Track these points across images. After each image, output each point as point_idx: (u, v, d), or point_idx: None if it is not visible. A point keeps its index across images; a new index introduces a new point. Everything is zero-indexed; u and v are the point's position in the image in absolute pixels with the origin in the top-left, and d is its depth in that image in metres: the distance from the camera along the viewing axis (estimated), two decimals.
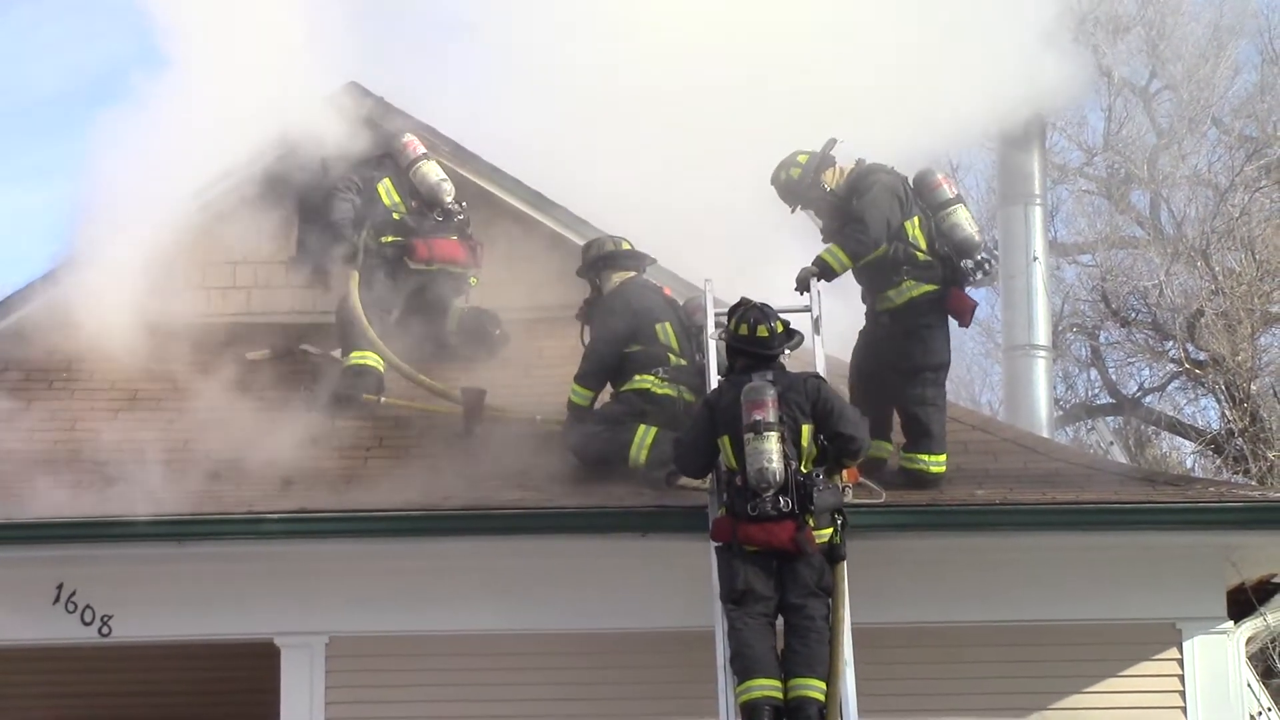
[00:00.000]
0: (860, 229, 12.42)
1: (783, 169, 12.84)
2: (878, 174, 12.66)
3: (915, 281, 12.54)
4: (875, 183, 12.58)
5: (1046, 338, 17.36)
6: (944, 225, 12.68)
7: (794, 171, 12.79)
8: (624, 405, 12.66)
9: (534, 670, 12.17)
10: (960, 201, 12.81)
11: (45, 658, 13.88)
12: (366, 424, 13.59)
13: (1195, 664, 12.05)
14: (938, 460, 12.43)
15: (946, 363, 12.76)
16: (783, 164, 12.85)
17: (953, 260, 12.64)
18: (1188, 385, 30.35)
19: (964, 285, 12.69)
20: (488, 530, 12.04)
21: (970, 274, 12.70)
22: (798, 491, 10.98)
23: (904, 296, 12.55)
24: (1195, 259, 28.44)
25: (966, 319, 12.76)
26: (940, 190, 12.78)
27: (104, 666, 14.27)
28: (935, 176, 12.84)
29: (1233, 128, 30.37)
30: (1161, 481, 12.92)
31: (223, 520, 11.98)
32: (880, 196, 12.52)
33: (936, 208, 12.72)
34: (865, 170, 12.72)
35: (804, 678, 10.81)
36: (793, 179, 12.79)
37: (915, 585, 12.12)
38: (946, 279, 12.60)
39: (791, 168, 12.81)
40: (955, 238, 12.66)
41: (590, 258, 13.41)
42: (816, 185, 12.75)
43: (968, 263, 12.67)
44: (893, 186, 12.60)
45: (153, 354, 14.22)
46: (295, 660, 12.26)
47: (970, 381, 33.46)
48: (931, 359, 12.58)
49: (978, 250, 12.68)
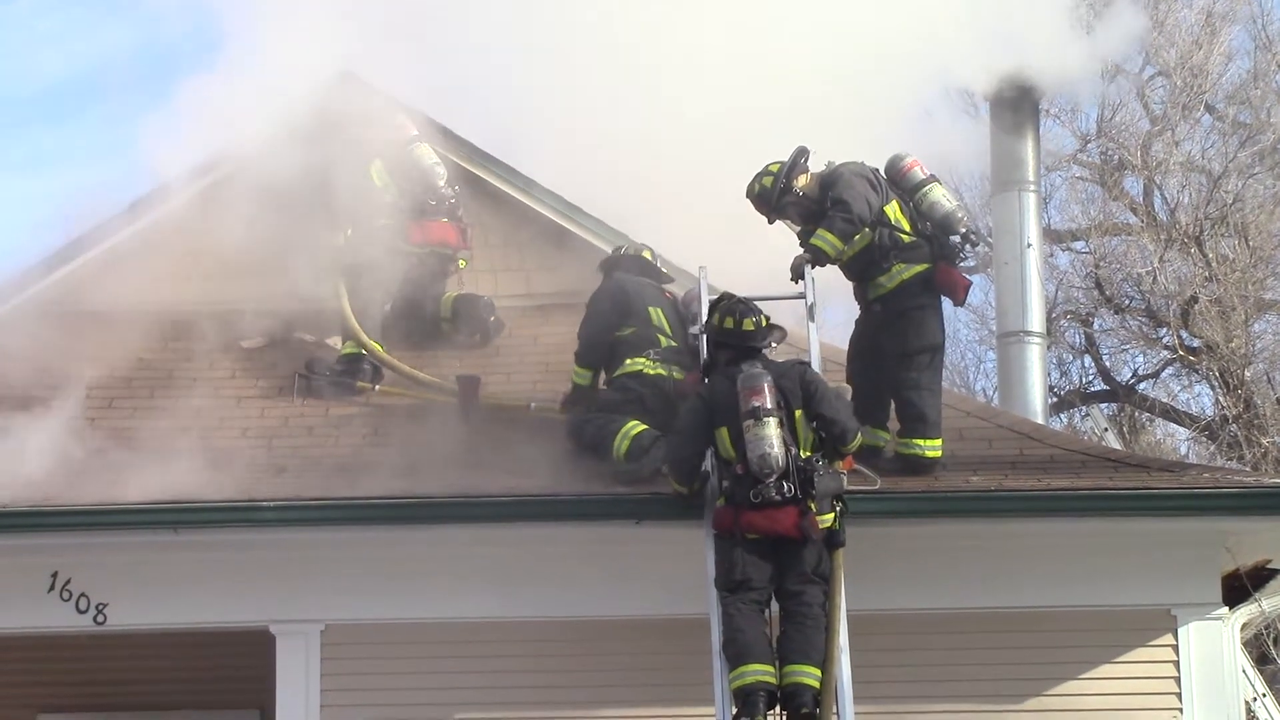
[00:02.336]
0: (843, 209, 12.43)
1: (756, 180, 12.85)
2: (845, 165, 12.68)
3: (905, 264, 12.54)
4: (845, 172, 12.61)
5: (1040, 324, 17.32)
6: (923, 205, 12.69)
7: (766, 181, 12.79)
8: (619, 391, 12.66)
9: (529, 657, 12.19)
10: (934, 180, 12.81)
11: (40, 646, 13.88)
12: (361, 411, 13.58)
13: (1190, 650, 12.05)
14: (933, 445, 12.43)
15: (941, 344, 12.76)
16: (756, 176, 12.85)
17: (939, 238, 12.65)
18: (1182, 372, 30.39)
19: (954, 261, 12.69)
20: (483, 518, 12.04)
21: (959, 249, 12.70)
22: (799, 476, 11.00)
23: (895, 280, 12.55)
24: (1189, 245, 28.45)
25: (960, 296, 12.76)
26: (913, 172, 12.78)
27: (99, 654, 14.26)
28: (905, 160, 12.83)
29: (1226, 114, 30.34)
30: (1156, 468, 12.92)
31: (218, 508, 11.97)
32: (853, 180, 12.54)
33: (911, 190, 12.73)
34: (833, 168, 12.74)
35: (799, 664, 10.84)
36: (765, 188, 12.79)
37: (910, 572, 12.12)
38: (935, 257, 12.61)
39: (764, 178, 12.81)
40: (936, 215, 12.67)
41: (606, 259, 13.52)
42: (789, 191, 12.75)
43: (954, 238, 12.68)
44: (862, 173, 12.63)
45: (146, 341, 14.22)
46: (290, 648, 12.27)
47: (964, 368, 33.53)
48: (925, 340, 12.57)
49: (960, 224, 12.68)
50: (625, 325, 12.84)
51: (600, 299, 13.06)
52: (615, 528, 12.04)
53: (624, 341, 12.79)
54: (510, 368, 14.19)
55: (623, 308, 12.90)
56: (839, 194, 12.49)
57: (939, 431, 12.49)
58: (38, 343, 13.97)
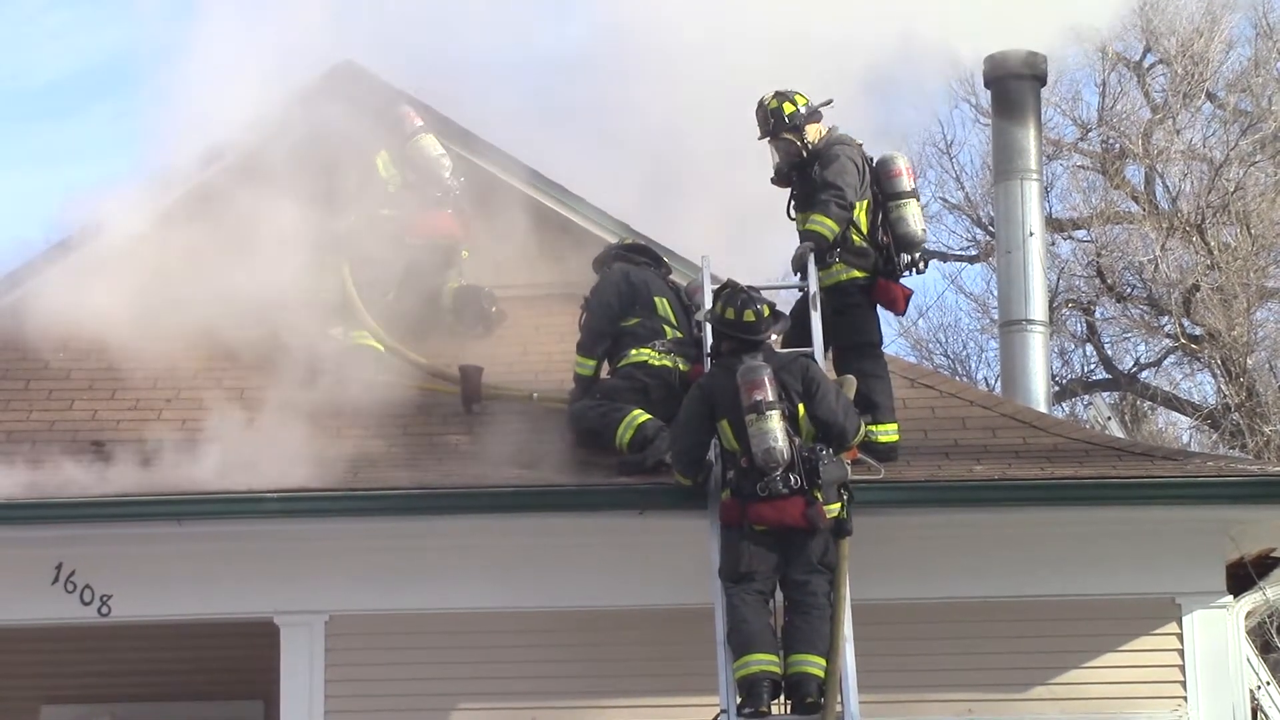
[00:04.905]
0: (838, 194, 12.44)
1: (777, 99, 12.80)
2: (842, 146, 12.66)
3: (845, 266, 12.53)
4: (840, 154, 12.59)
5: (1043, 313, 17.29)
6: (892, 215, 12.63)
7: (786, 106, 12.77)
8: (624, 380, 12.64)
9: (533, 648, 12.19)
10: (914, 196, 12.74)
11: (44, 637, 13.89)
12: (366, 402, 13.56)
13: (1195, 638, 12.06)
14: (886, 430, 12.38)
15: (877, 341, 12.75)
16: (781, 93, 12.81)
17: (888, 251, 12.61)
18: (1184, 360, 30.38)
19: (895, 277, 12.64)
20: (486, 509, 12.03)
21: (903, 270, 12.65)
22: (804, 466, 10.99)
23: (832, 279, 12.56)
24: (1190, 234, 28.43)
25: (901, 307, 12.75)
26: (899, 180, 12.71)
27: (103, 646, 14.27)
28: (897, 164, 12.75)
29: (1227, 102, 30.33)
30: (1160, 457, 12.89)
31: (223, 499, 11.95)
32: (847, 165, 12.53)
33: (889, 196, 12.66)
34: (833, 139, 12.71)
35: (804, 654, 10.84)
36: (779, 111, 12.77)
37: (914, 561, 12.12)
38: (876, 269, 12.58)
39: (785, 102, 12.78)
40: (898, 230, 12.61)
41: (602, 253, 13.49)
42: (797, 130, 12.73)
43: (904, 258, 12.63)
44: (854, 159, 12.61)
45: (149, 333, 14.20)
46: (295, 639, 12.27)
47: (966, 357, 33.53)
48: (863, 338, 12.62)
49: (917, 249, 12.65)
50: (630, 316, 12.81)
51: (605, 289, 13.01)
52: (619, 518, 12.04)
53: (629, 332, 12.76)
54: (512, 358, 14.18)
55: (628, 298, 12.87)
56: (833, 177, 12.47)
57: (892, 416, 12.48)
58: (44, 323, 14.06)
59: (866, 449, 12.17)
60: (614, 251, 13.49)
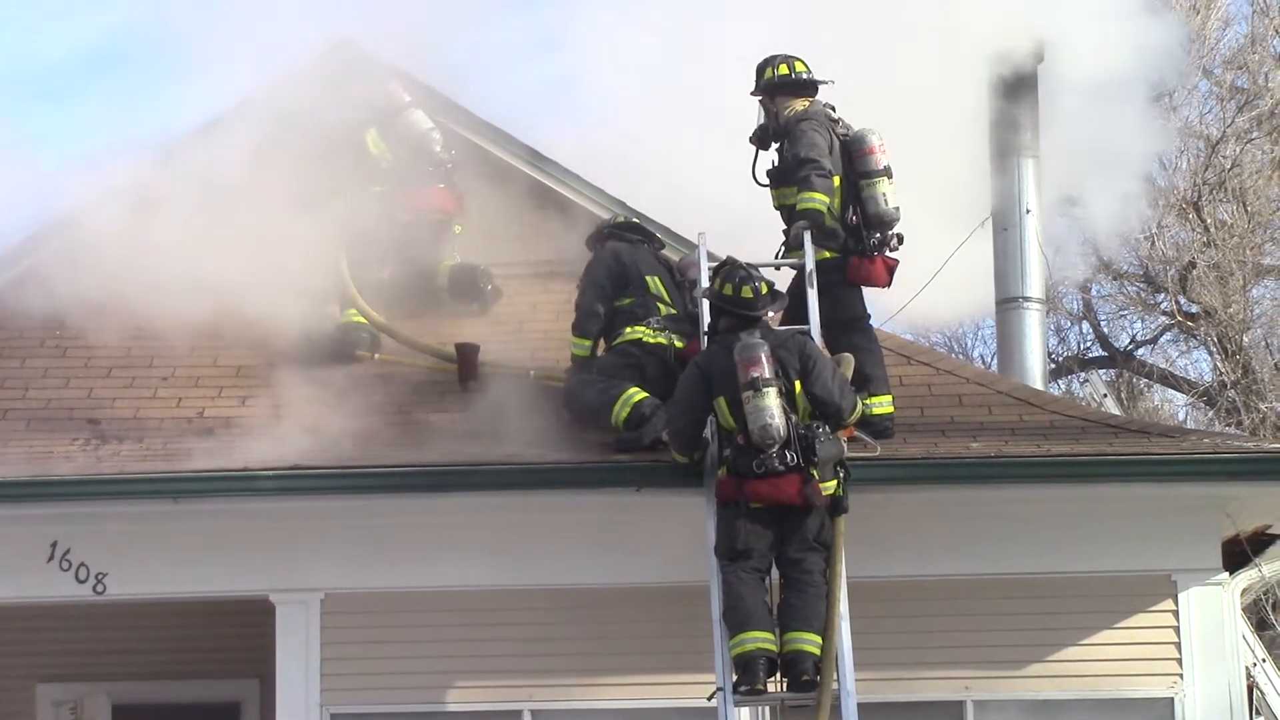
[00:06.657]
0: (814, 166, 12.36)
1: (784, 62, 12.78)
2: (808, 121, 12.56)
3: (817, 246, 12.43)
4: (806, 129, 12.50)
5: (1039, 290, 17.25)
6: (863, 194, 12.53)
7: (782, 69, 12.76)
8: (619, 357, 12.61)
9: (529, 625, 12.19)
10: (886, 174, 12.60)
11: (39, 615, 13.89)
12: (361, 380, 13.55)
13: (1190, 615, 12.06)
14: (880, 401, 12.36)
15: (863, 314, 12.70)
16: (786, 57, 12.80)
17: (860, 231, 12.56)
18: (1180, 338, 30.40)
19: (868, 254, 12.53)
20: (482, 486, 12.02)
21: (874, 248, 12.56)
22: (801, 444, 10.98)
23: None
24: (1187, 211, 28.41)
25: (883, 279, 12.62)
26: (871, 158, 12.58)
27: (98, 624, 14.28)
28: (870, 142, 12.61)
29: (1224, 79, 30.30)
30: (1156, 433, 12.90)
31: (217, 477, 11.95)
32: (814, 138, 12.43)
33: (860, 174, 12.56)
34: (800, 114, 12.63)
35: (800, 631, 10.84)
36: (782, 75, 12.75)
37: (910, 539, 12.12)
38: (846, 248, 12.52)
39: (781, 65, 12.77)
40: (869, 210, 12.51)
41: (594, 232, 13.47)
42: (770, 95, 12.74)
43: (875, 237, 12.57)
44: (820, 134, 12.49)
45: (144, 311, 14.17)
46: (290, 617, 12.27)
47: (963, 335, 33.51)
48: (848, 313, 12.55)
49: (889, 227, 12.56)
50: (623, 295, 12.79)
51: (596, 268, 12.99)
52: (615, 496, 12.02)
53: (623, 311, 12.74)
54: (508, 336, 14.16)
55: (620, 277, 12.85)
56: (804, 152, 12.37)
57: (886, 388, 12.45)
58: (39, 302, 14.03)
59: (862, 423, 12.15)
60: (606, 229, 13.45)
